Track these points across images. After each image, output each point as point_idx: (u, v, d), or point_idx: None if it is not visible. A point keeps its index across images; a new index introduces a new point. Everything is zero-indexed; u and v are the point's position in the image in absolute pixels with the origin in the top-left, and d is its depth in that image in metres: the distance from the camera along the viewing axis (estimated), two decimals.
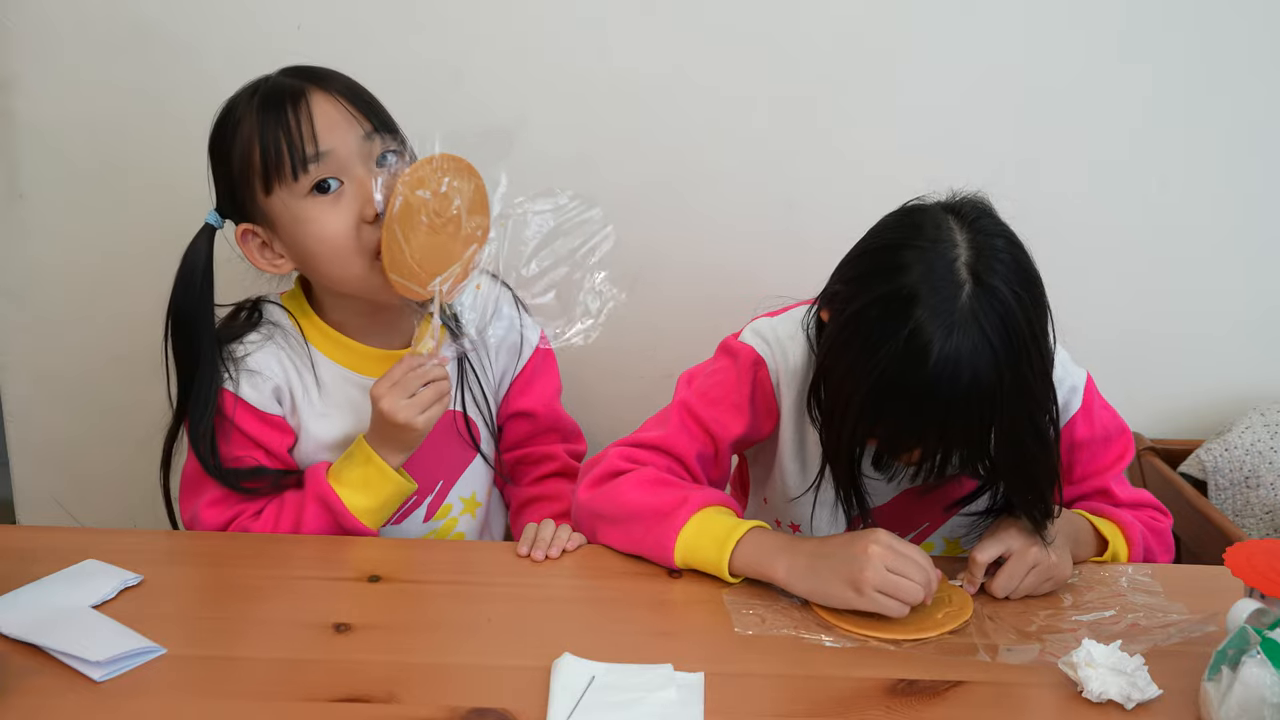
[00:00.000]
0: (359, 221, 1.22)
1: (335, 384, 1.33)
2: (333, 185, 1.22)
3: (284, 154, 1.20)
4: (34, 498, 1.90)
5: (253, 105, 1.23)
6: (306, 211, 1.22)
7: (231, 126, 1.24)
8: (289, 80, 1.25)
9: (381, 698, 0.96)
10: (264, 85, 1.25)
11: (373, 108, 1.25)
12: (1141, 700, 0.99)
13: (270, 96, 1.23)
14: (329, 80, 1.25)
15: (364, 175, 1.21)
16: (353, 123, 1.23)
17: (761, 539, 1.15)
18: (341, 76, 1.27)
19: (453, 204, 1.19)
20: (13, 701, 0.94)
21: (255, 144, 1.22)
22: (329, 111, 1.22)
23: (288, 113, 1.21)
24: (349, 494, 1.25)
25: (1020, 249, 1.10)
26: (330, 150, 1.21)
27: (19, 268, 1.78)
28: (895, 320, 1.04)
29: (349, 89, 1.25)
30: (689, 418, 1.27)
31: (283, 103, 1.21)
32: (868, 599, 1.08)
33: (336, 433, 1.33)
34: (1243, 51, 1.70)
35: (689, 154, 1.73)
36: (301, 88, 1.22)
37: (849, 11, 1.67)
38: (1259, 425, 1.78)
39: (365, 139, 1.23)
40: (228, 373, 1.29)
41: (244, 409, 1.29)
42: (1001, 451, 1.09)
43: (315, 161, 1.21)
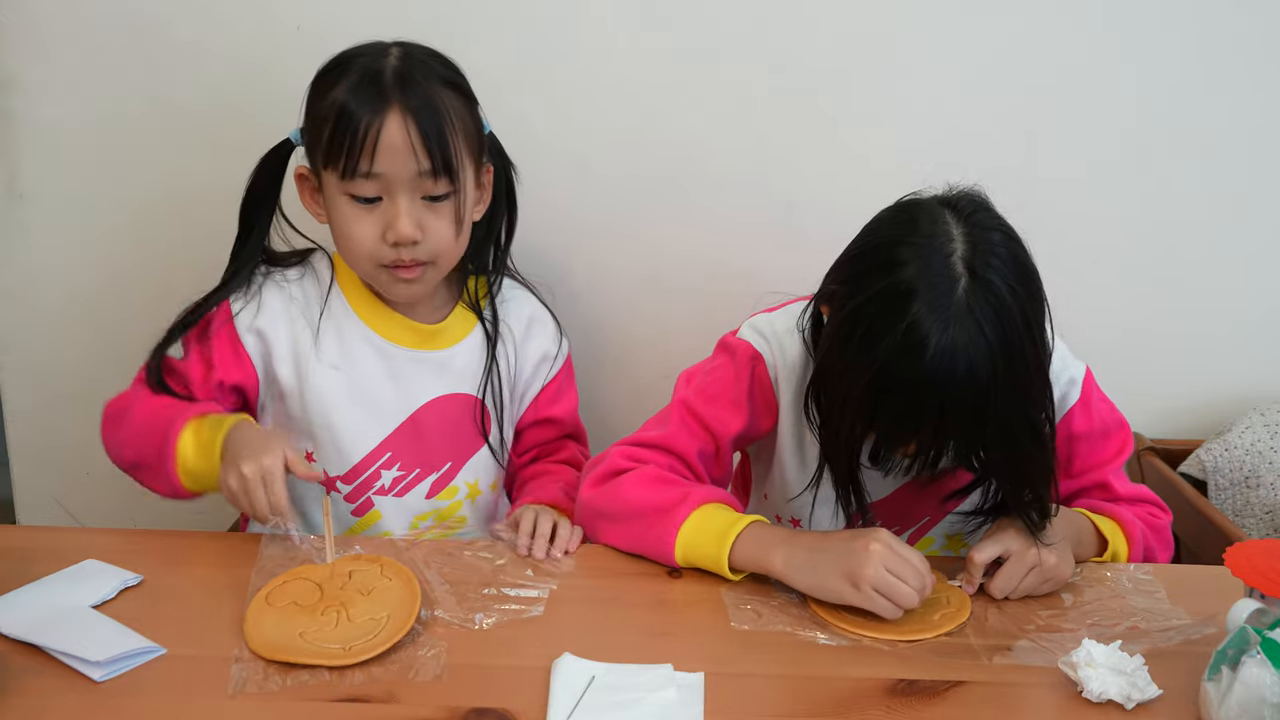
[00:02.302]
0: (381, 237, 1.25)
1: (354, 340, 1.34)
2: (372, 199, 1.25)
3: (343, 153, 1.22)
4: (34, 498, 1.90)
5: (350, 81, 1.24)
6: (343, 205, 1.26)
7: (331, 82, 1.26)
8: (383, 82, 1.24)
9: (381, 698, 0.96)
10: (369, 67, 1.25)
11: (442, 145, 1.24)
12: (1141, 700, 0.99)
13: (362, 90, 1.23)
14: (417, 98, 1.23)
15: (405, 204, 1.24)
16: (413, 156, 1.23)
17: (761, 532, 1.16)
18: (432, 97, 1.25)
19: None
20: (13, 701, 0.94)
21: (330, 121, 1.23)
22: (396, 138, 1.22)
23: (361, 122, 1.21)
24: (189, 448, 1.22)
25: (1017, 243, 1.10)
26: (383, 173, 1.23)
27: (19, 268, 1.77)
28: (892, 315, 1.05)
29: (429, 117, 1.23)
30: (689, 416, 1.27)
31: (364, 106, 1.22)
32: (864, 595, 1.08)
33: (345, 386, 1.34)
34: (1242, 50, 1.70)
35: (689, 152, 1.73)
36: (384, 103, 1.22)
37: (849, 9, 1.66)
38: (1259, 425, 1.78)
39: (419, 175, 1.24)
40: (237, 293, 1.33)
41: (229, 328, 1.32)
42: (996, 445, 1.09)
43: (366, 177, 1.23)
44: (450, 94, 1.27)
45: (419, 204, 1.25)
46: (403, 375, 1.36)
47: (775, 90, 1.69)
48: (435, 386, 1.37)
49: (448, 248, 1.29)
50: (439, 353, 1.38)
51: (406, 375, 1.36)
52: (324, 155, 1.25)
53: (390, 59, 1.26)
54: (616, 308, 1.81)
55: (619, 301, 1.80)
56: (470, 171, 1.29)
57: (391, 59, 1.26)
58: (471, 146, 1.29)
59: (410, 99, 1.23)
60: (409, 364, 1.36)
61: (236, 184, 1.38)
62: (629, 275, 1.78)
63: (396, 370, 1.36)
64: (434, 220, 1.26)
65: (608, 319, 1.82)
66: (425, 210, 1.26)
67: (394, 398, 1.36)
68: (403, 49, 1.29)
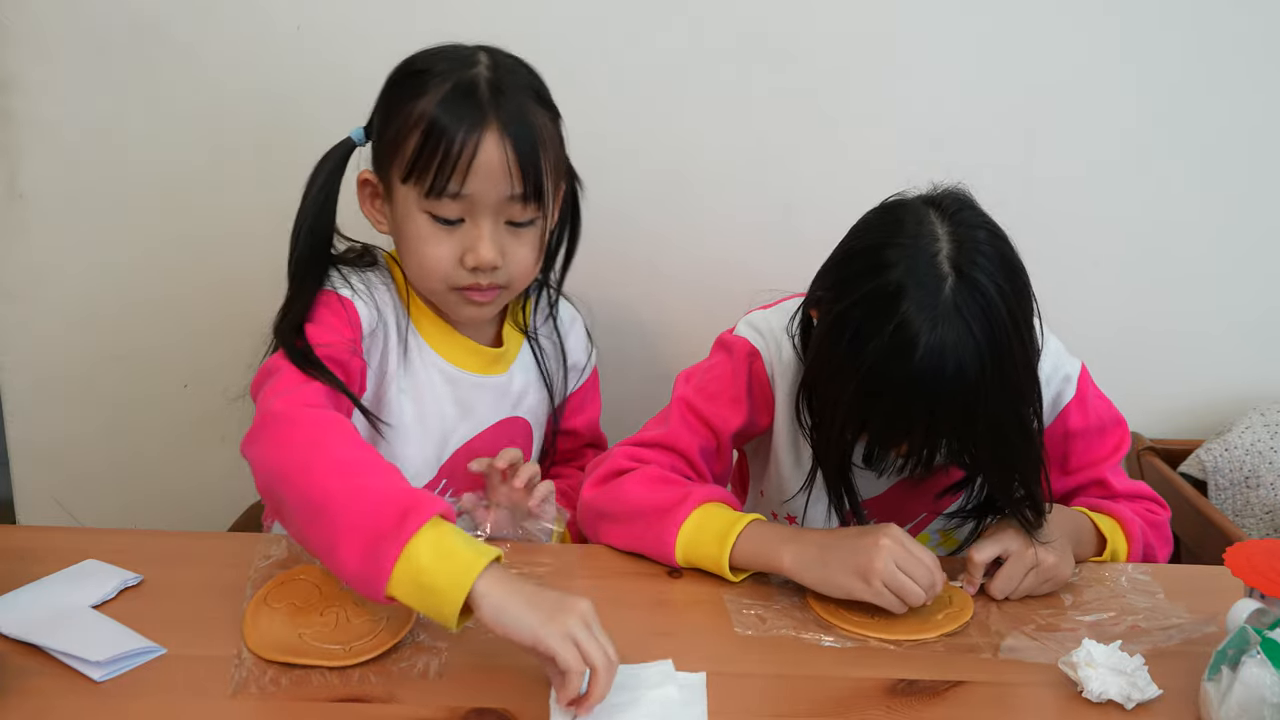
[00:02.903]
0: (459, 259, 1.19)
1: (424, 365, 1.28)
2: (454, 221, 1.18)
3: (431, 171, 1.14)
4: (34, 498, 1.90)
5: (441, 92, 1.15)
6: (421, 224, 1.18)
7: (416, 88, 1.17)
8: (479, 96, 1.15)
9: (381, 698, 0.96)
10: (463, 77, 1.16)
11: (536, 169, 1.17)
12: (1141, 700, 0.99)
13: (456, 104, 1.14)
14: (514, 116, 1.16)
15: (489, 227, 1.17)
16: (507, 179, 1.15)
17: (765, 530, 1.16)
18: (528, 115, 1.17)
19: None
20: (13, 701, 0.94)
21: (417, 132, 1.15)
22: (492, 158, 1.14)
23: (457, 137, 1.13)
24: (425, 551, 0.92)
25: (1003, 240, 1.11)
26: (471, 194, 1.16)
27: (19, 268, 1.77)
28: (880, 316, 1.05)
29: (525, 137, 1.16)
30: (689, 413, 1.28)
31: (460, 122, 1.14)
32: (874, 591, 1.08)
33: (413, 414, 1.27)
34: (1242, 50, 1.70)
35: (688, 152, 1.73)
36: (483, 117, 1.14)
37: (849, 9, 1.67)
38: (1259, 425, 1.78)
39: (508, 200, 1.17)
40: (338, 282, 1.22)
41: (349, 308, 1.20)
42: (986, 443, 1.10)
43: (454, 198, 1.16)
44: (541, 111, 1.20)
45: (502, 228, 1.19)
46: (465, 401, 1.31)
47: (775, 90, 1.70)
48: (495, 411, 1.33)
49: (526, 273, 1.23)
50: (500, 377, 1.33)
51: (469, 401, 1.31)
52: (406, 169, 1.16)
53: (481, 69, 1.17)
54: (616, 308, 1.81)
55: (619, 302, 1.80)
56: (555, 193, 1.23)
57: (482, 69, 1.18)
58: (559, 168, 1.23)
59: (507, 117, 1.15)
60: (473, 390, 1.31)
61: (236, 184, 1.38)
62: (629, 276, 1.78)
63: (461, 396, 1.30)
64: (516, 245, 1.20)
65: (607, 319, 1.81)
66: (507, 235, 1.19)
67: (457, 425, 1.31)
68: (490, 57, 1.20)
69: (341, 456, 1.00)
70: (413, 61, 1.21)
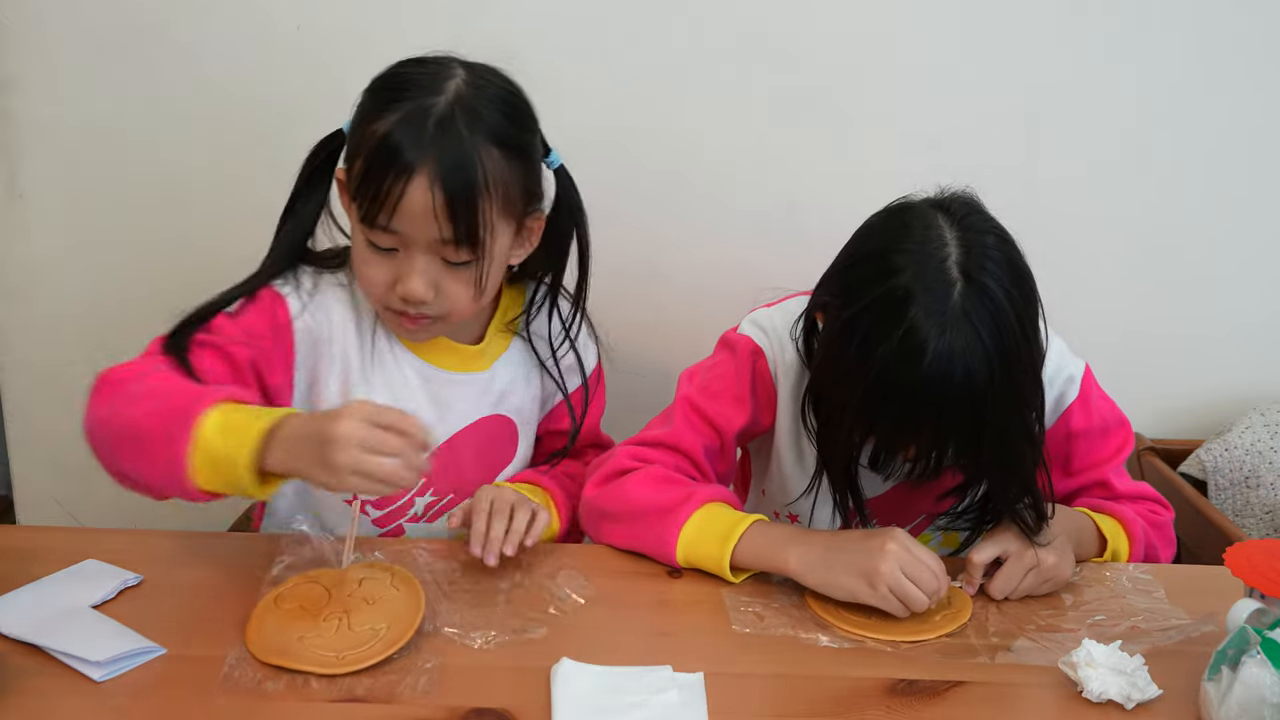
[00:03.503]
0: (391, 285, 1.17)
1: (398, 363, 1.27)
2: (388, 249, 1.16)
3: (365, 201, 1.13)
4: (34, 498, 1.90)
5: (393, 120, 1.12)
6: (360, 243, 1.18)
7: (380, 104, 1.14)
8: (425, 132, 1.11)
9: (381, 698, 0.96)
10: (419, 106, 1.12)
11: (469, 215, 1.13)
12: (1141, 700, 0.99)
13: (397, 139, 1.11)
14: (452, 160, 1.11)
15: (421, 263, 1.15)
16: (434, 223, 1.12)
17: (769, 531, 1.16)
18: (469, 158, 1.12)
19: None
20: (13, 701, 0.93)
21: (362, 158, 1.14)
22: (419, 202, 1.11)
23: (388, 177, 1.11)
24: (210, 432, 0.99)
25: (1010, 245, 1.10)
26: (401, 231, 1.14)
27: (19, 267, 1.78)
28: (889, 321, 1.05)
29: (459, 184, 1.12)
30: (693, 413, 1.27)
31: (393, 161, 1.11)
32: (879, 595, 1.08)
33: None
34: (1242, 50, 1.70)
35: (690, 152, 1.73)
36: (418, 158, 1.10)
37: (850, 9, 1.67)
38: (1259, 425, 1.78)
39: (440, 242, 1.14)
40: (285, 280, 1.22)
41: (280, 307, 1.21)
42: (992, 446, 1.10)
43: (385, 231, 1.14)
44: (495, 151, 1.14)
45: (436, 264, 1.16)
46: (442, 399, 1.29)
47: (775, 90, 1.70)
48: (475, 409, 1.31)
49: (462, 309, 1.20)
50: (478, 374, 1.31)
51: (446, 399, 1.29)
52: (351, 190, 1.16)
53: (444, 98, 1.13)
54: (617, 308, 1.81)
55: (620, 302, 1.80)
56: (507, 232, 1.19)
57: (445, 98, 1.13)
58: (511, 208, 1.18)
59: (444, 161, 1.11)
60: (450, 386, 1.29)
61: (236, 184, 1.39)
62: (629, 275, 1.78)
63: (436, 394, 1.29)
64: (450, 283, 1.18)
65: (609, 320, 1.81)
66: (442, 271, 1.17)
67: (434, 424, 1.28)
68: (465, 82, 1.16)
69: (144, 389, 1.06)
70: (393, 71, 1.19)
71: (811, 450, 1.24)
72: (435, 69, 1.17)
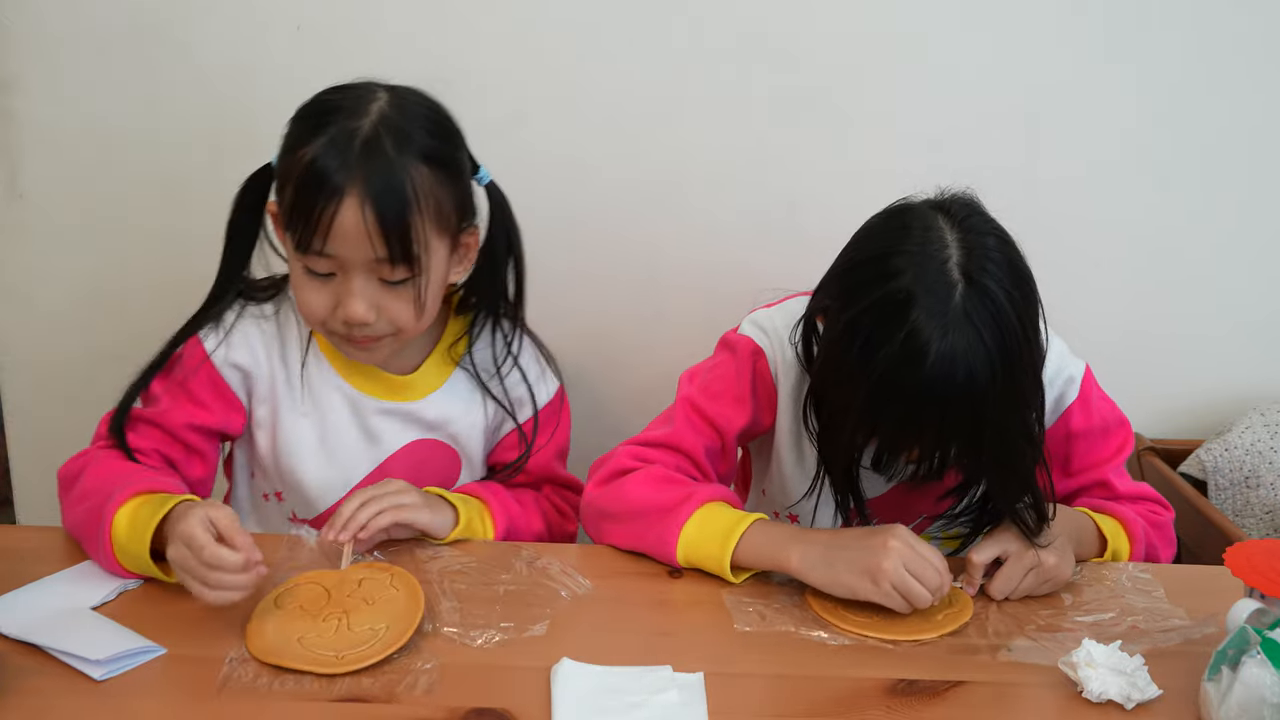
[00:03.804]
0: (332, 309, 1.18)
1: (326, 387, 1.28)
2: (326, 274, 1.17)
3: (298, 228, 1.14)
4: (34, 498, 1.90)
5: (318, 146, 1.13)
6: (297, 271, 1.18)
7: (304, 133, 1.16)
8: (351, 154, 1.13)
9: (381, 698, 0.96)
10: (344, 129, 1.14)
11: (403, 233, 1.13)
12: (1141, 700, 0.99)
13: (324, 163, 1.12)
14: (380, 179, 1.12)
15: (359, 285, 1.16)
16: (368, 244, 1.13)
17: (770, 529, 1.16)
18: (398, 177, 1.13)
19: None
20: (13, 701, 0.94)
21: (291, 186, 1.15)
22: (351, 223, 1.12)
23: (318, 201, 1.12)
24: (120, 531, 1.09)
25: (1011, 246, 1.10)
26: (336, 255, 1.14)
27: (19, 268, 1.77)
28: (891, 323, 1.05)
29: (390, 203, 1.12)
30: (694, 413, 1.28)
31: (322, 185, 1.12)
32: (882, 592, 1.08)
33: (314, 436, 1.29)
34: (1243, 50, 1.70)
35: (689, 153, 1.73)
36: (343, 183, 1.11)
37: (849, 9, 1.66)
38: (1259, 425, 1.78)
39: (376, 261, 1.14)
40: (210, 330, 1.25)
41: (199, 354, 1.24)
42: (993, 447, 1.10)
43: (320, 255, 1.15)
44: (424, 168, 1.15)
45: (374, 284, 1.16)
46: (371, 427, 1.30)
47: (775, 90, 1.70)
48: (405, 436, 1.31)
49: (407, 325, 1.20)
50: (409, 404, 1.30)
51: (375, 427, 1.30)
52: (284, 218, 1.17)
53: (368, 119, 1.15)
54: (617, 308, 1.81)
55: (620, 302, 1.80)
56: (442, 248, 1.20)
57: (369, 120, 1.15)
58: (445, 223, 1.19)
59: (372, 180, 1.12)
60: (378, 415, 1.30)
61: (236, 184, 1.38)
62: (630, 275, 1.78)
63: (365, 421, 1.30)
64: (391, 302, 1.18)
65: (609, 320, 1.82)
66: (382, 291, 1.17)
67: (363, 450, 1.30)
68: (388, 103, 1.17)
69: (80, 489, 1.16)
70: (316, 99, 1.20)
71: (812, 451, 1.24)
72: (358, 93, 1.18)
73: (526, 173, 1.59)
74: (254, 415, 1.28)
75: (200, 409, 1.25)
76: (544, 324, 1.43)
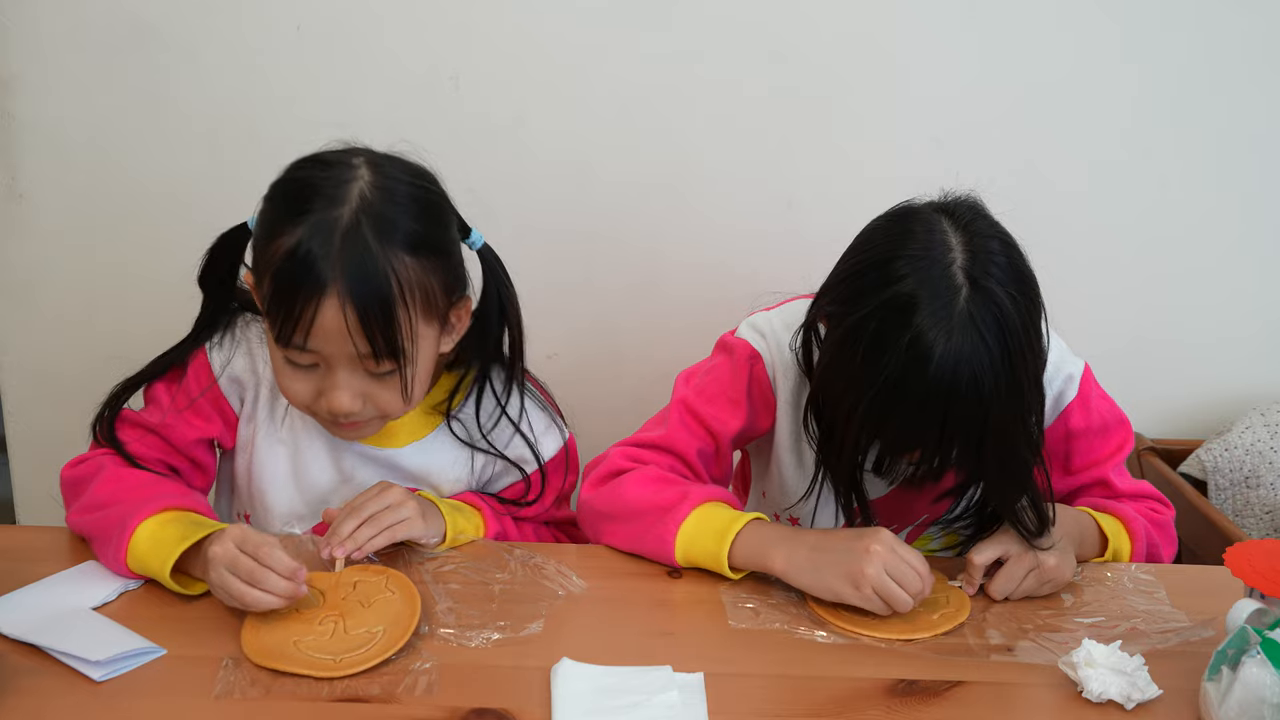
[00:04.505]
0: (316, 398, 1.14)
1: (302, 418, 1.24)
2: (309, 365, 1.13)
3: (278, 323, 1.09)
4: (34, 498, 1.90)
5: (296, 236, 1.07)
6: (278, 358, 1.14)
7: (281, 219, 1.10)
8: (330, 249, 1.07)
9: (381, 698, 0.96)
10: (323, 220, 1.07)
11: (386, 329, 1.09)
12: (1141, 700, 0.99)
13: (303, 259, 1.06)
14: (361, 276, 1.07)
15: (343, 378, 1.12)
16: (349, 341, 1.08)
17: (761, 531, 1.16)
18: (380, 272, 1.08)
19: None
20: (13, 701, 0.94)
21: (269, 277, 1.09)
22: (333, 322, 1.07)
23: (298, 300, 1.07)
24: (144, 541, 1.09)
25: (1015, 250, 1.10)
26: (318, 350, 1.10)
27: (19, 268, 1.78)
28: (895, 327, 1.05)
29: (374, 299, 1.07)
30: (688, 415, 1.27)
31: (302, 282, 1.06)
32: (863, 596, 1.08)
33: (287, 465, 1.26)
34: (1242, 52, 1.70)
35: (688, 154, 1.73)
36: (326, 277, 1.06)
37: (848, 10, 1.67)
38: (1259, 425, 1.78)
39: (358, 357, 1.10)
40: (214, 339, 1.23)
41: (206, 374, 1.23)
42: (994, 450, 1.10)
43: (300, 350, 1.10)
44: (408, 259, 1.10)
45: (360, 375, 1.12)
46: (346, 466, 1.26)
47: (775, 90, 1.70)
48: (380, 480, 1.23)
49: (394, 410, 1.17)
50: (388, 450, 1.26)
51: (350, 467, 1.26)
52: (263, 306, 1.12)
53: (348, 207, 1.08)
54: (616, 308, 1.81)
55: (619, 302, 1.80)
56: (431, 332, 1.15)
57: (349, 207, 1.08)
58: (433, 309, 1.14)
59: (354, 277, 1.06)
60: (354, 455, 1.26)
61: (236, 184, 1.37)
62: (629, 275, 1.78)
63: (341, 460, 1.26)
64: (379, 391, 1.14)
65: (607, 320, 1.82)
66: (368, 381, 1.13)
67: (335, 487, 1.27)
68: (370, 184, 1.10)
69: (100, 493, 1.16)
70: (292, 177, 1.14)
71: (811, 454, 1.24)
72: (337, 172, 1.11)
73: (527, 173, 1.60)
74: (240, 433, 1.27)
75: (207, 424, 1.24)
76: (544, 324, 1.42)
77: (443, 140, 1.67)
